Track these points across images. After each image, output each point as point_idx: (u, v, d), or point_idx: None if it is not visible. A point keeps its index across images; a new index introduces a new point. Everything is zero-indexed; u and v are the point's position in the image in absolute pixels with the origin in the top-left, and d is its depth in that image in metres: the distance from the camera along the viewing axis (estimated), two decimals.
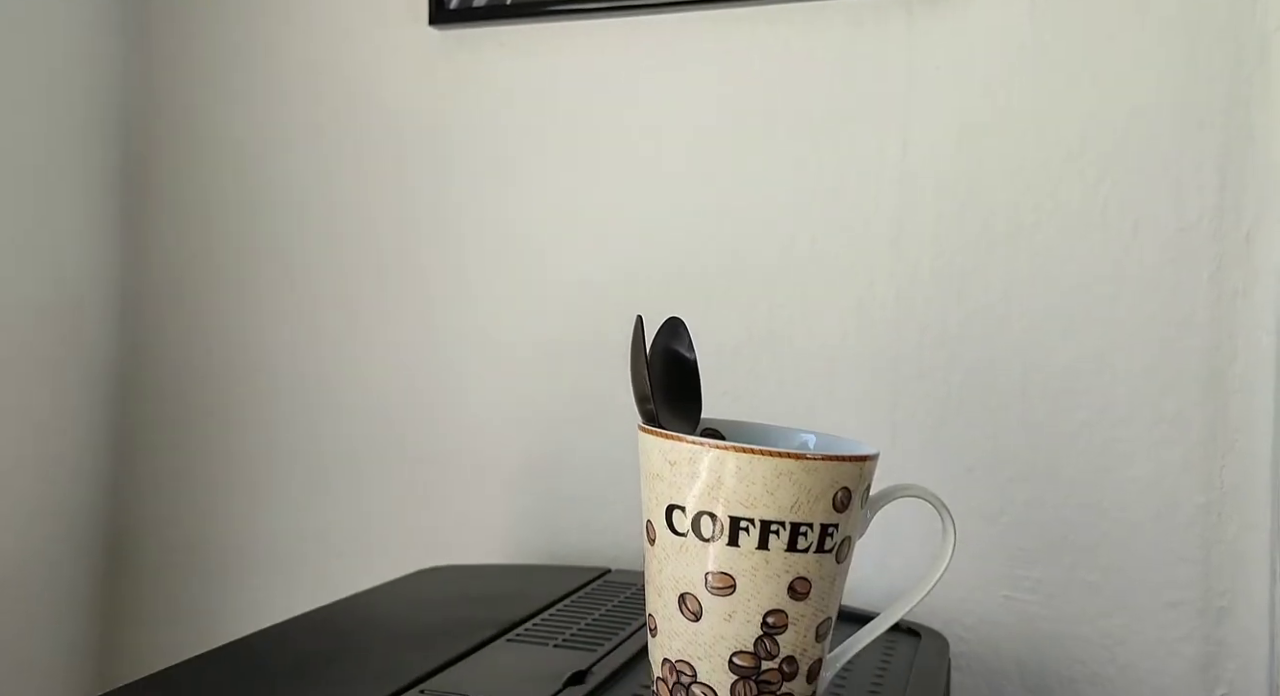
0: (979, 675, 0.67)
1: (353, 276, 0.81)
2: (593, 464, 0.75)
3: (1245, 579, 0.62)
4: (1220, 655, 0.62)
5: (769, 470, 0.37)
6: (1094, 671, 0.65)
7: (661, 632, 0.40)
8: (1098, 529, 0.65)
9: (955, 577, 0.68)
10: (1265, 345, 0.62)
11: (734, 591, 0.38)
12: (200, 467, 0.84)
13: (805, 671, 0.39)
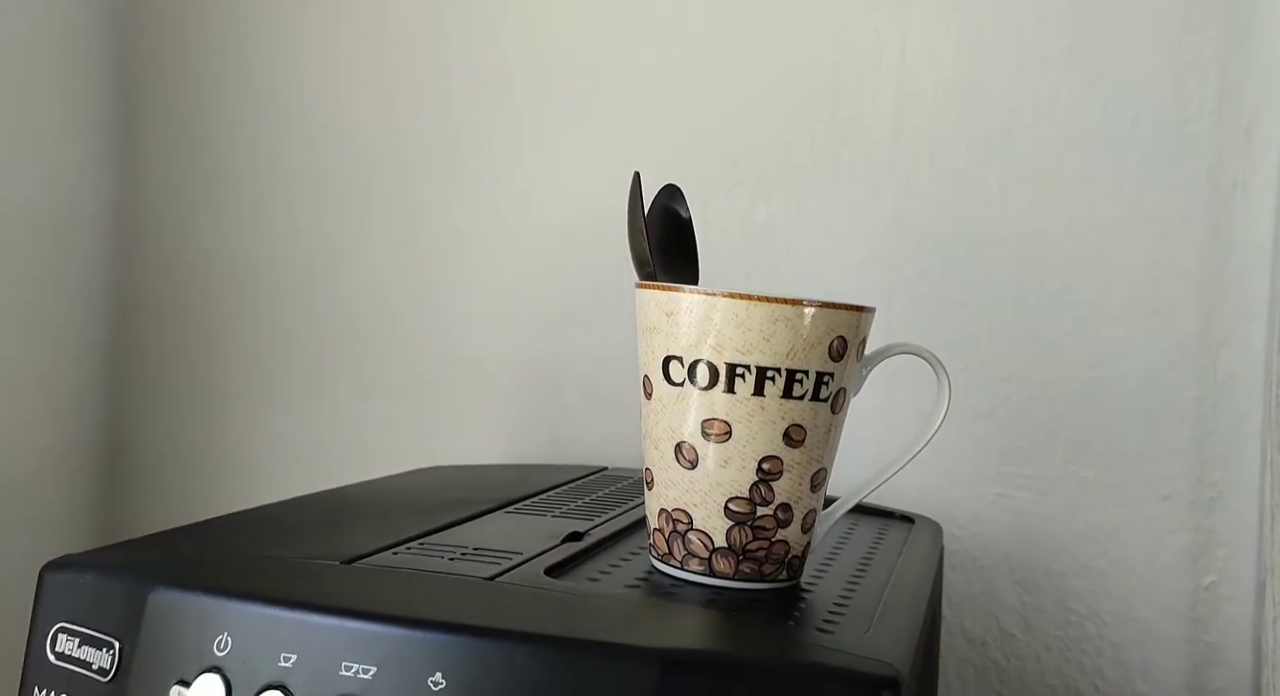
0: (970, 571, 0.68)
1: (349, 180, 0.81)
2: (592, 370, 0.75)
3: (1236, 469, 0.62)
4: (1210, 544, 0.63)
5: (765, 316, 0.37)
6: (1085, 564, 0.66)
7: (658, 484, 0.40)
8: (1090, 425, 0.66)
9: (948, 476, 0.69)
10: (1262, 237, 0.62)
11: (730, 438, 0.38)
12: (196, 374, 0.85)
13: (800, 520, 0.40)
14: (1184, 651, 0.63)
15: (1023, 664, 0.67)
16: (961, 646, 0.69)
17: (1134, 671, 0.65)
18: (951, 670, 0.69)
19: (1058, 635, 0.67)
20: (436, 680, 0.30)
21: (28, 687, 0.37)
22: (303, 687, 0.31)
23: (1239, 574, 0.62)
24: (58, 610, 0.36)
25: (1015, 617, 0.68)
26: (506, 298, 0.77)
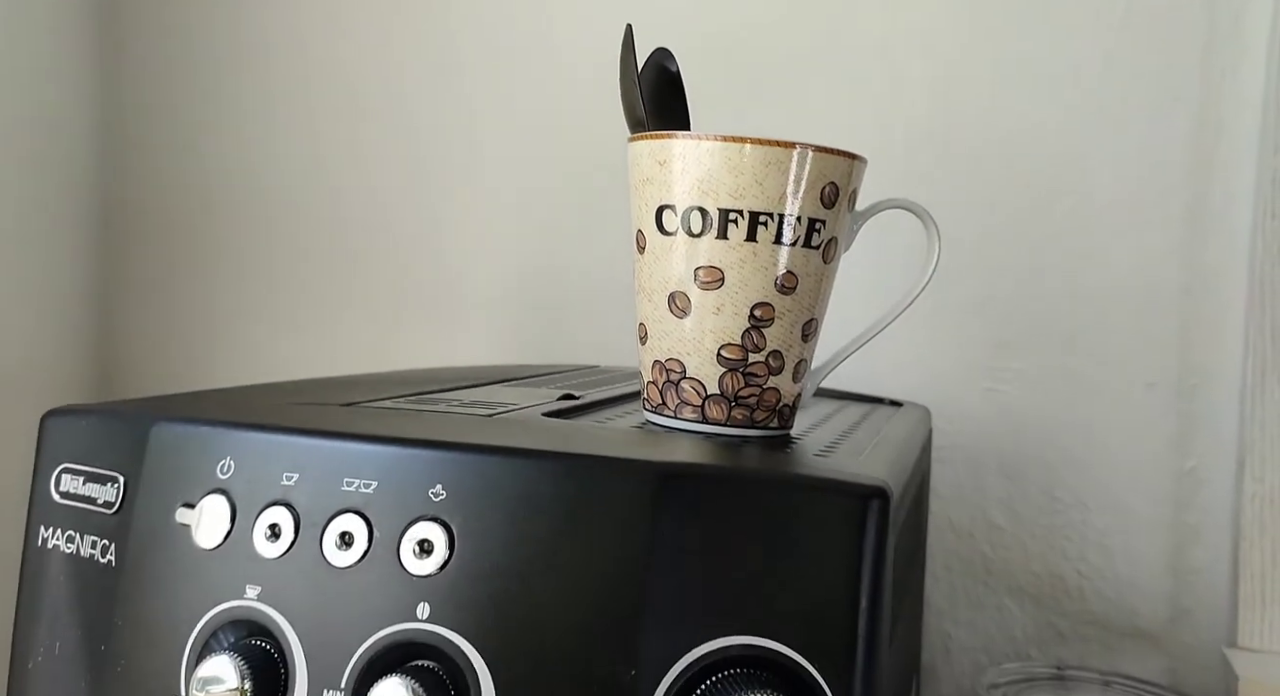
0: (959, 464, 0.69)
1: (339, 85, 0.80)
2: (584, 278, 0.76)
3: (1219, 356, 0.63)
4: (1192, 430, 0.64)
5: (759, 160, 0.37)
6: (1071, 455, 0.67)
7: (652, 336, 0.41)
8: (1079, 316, 0.66)
9: (937, 372, 0.70)
10: (1249, 125, 0.62)
11: (722, 285, 0.39)
12: (184, 289, 0.85)
13: (791, 369, 0.40)
14: (1165, 534, 0.65)
15: (1009, 553, 0.69)
16: (949, 538, 0.70)
17: (1116, 556, 0.66)
18: (939, 562, 0.70)
19: (1043, 524, 0.68)
20: (437, 491, 0.31)
21: (34, 528, 0.37)
22: (305, 503, 0.32)
23: (1219, 457, 0.63)
24: (60, 452, 0.37)
25: (1002, 509, 0.69)
26: (499, 210, 0.77)
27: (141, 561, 0.33)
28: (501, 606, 0.30)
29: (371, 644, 0.30)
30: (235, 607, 0.31)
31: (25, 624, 0.37)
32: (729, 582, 0.31)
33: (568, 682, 0.30)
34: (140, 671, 0.32)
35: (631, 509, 0.31)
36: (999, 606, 0.69)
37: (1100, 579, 0.67)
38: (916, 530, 0.49)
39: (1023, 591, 0.68)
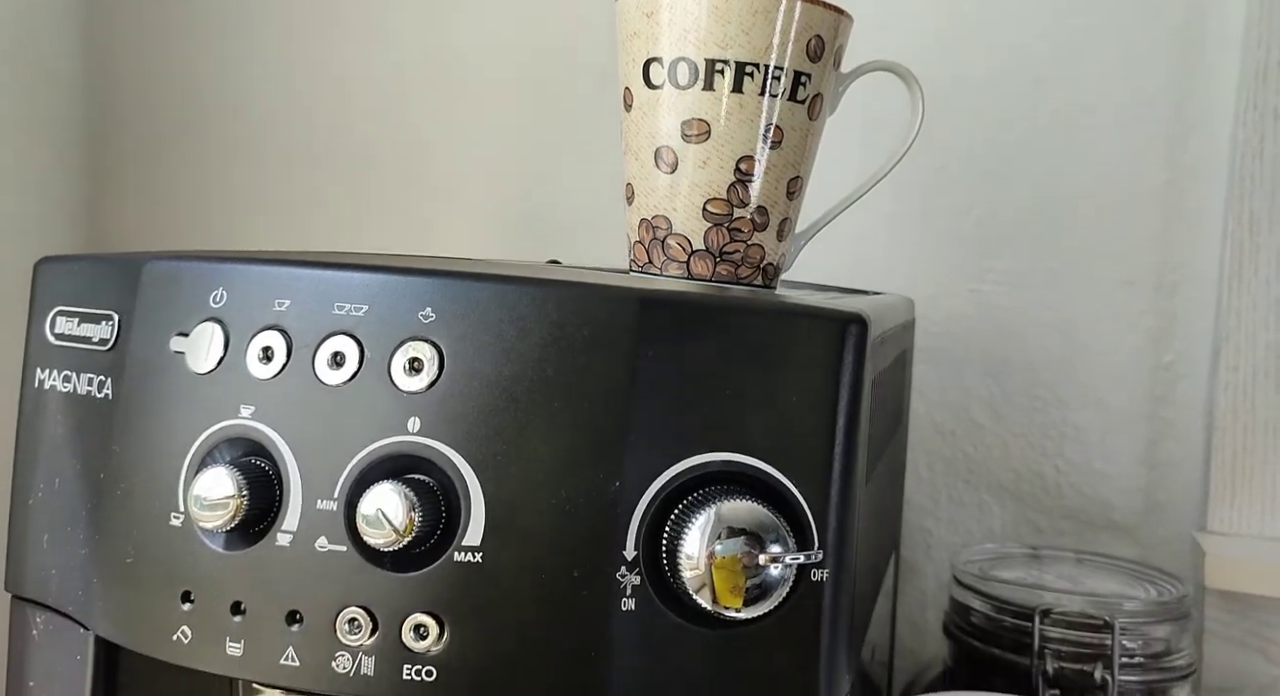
0: (942, 366, 0.71)
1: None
2: (574, 190, 0.76)
3: (1199, 251, 0.64)
4: (1170, 326, 0.65)
5: (745, 8, 0.38)
6: (1052, 353, 0.68)
7: (638, 194, 0.41)
8: (1062, 217, 0.67)
9: (923, 275, 0.71)
10: (1232, 32, 0.62)
11: (709, 138, 0.39)
12: (175, 175, 0.84)
13: (776, 226, 0.41)
14: (1142, 429, 0.66)
15: (989, 452, 0.70)
16: (932, 438, 0.72)
17: (1093, 451, 0.68)
18: (922, 462, 0.72)
19: (1024, 422, 0.69)
20: (426, 314, 0.32)
21: (30, 371, 0.38)
22: (296, 327, 0.32)
23: (1196, 352, 0.65)
24: (54, 296, 0.37)
25: (984, 408, 0.70)
26: (485, 116, 0.77)
27: (137, 392, 0.34)
28: (490, 421, 0.31)
29: (364, 456, 0.31)
30: (230, 426, 0.32)
31: (24, 463, 0.37)
32: (710, 403, 0.32)
33: (554, 493, 0.31)
34: (139, 493, 0.33)
35: (615, 333, 0.31)
36: (979, 503, 0.71)
37: (1077, 474, 0.68)
38: (896, 400, 0.50)
39: (1002, 488, 0.70)
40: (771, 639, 0.32)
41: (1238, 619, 0.61)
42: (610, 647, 0.31)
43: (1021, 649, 0.48)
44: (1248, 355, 0.60)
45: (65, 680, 0.36)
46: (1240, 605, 0.61)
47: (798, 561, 0.30)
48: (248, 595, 0.31)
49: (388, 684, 0.30)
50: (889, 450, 0.47)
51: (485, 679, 0.30)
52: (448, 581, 0.30)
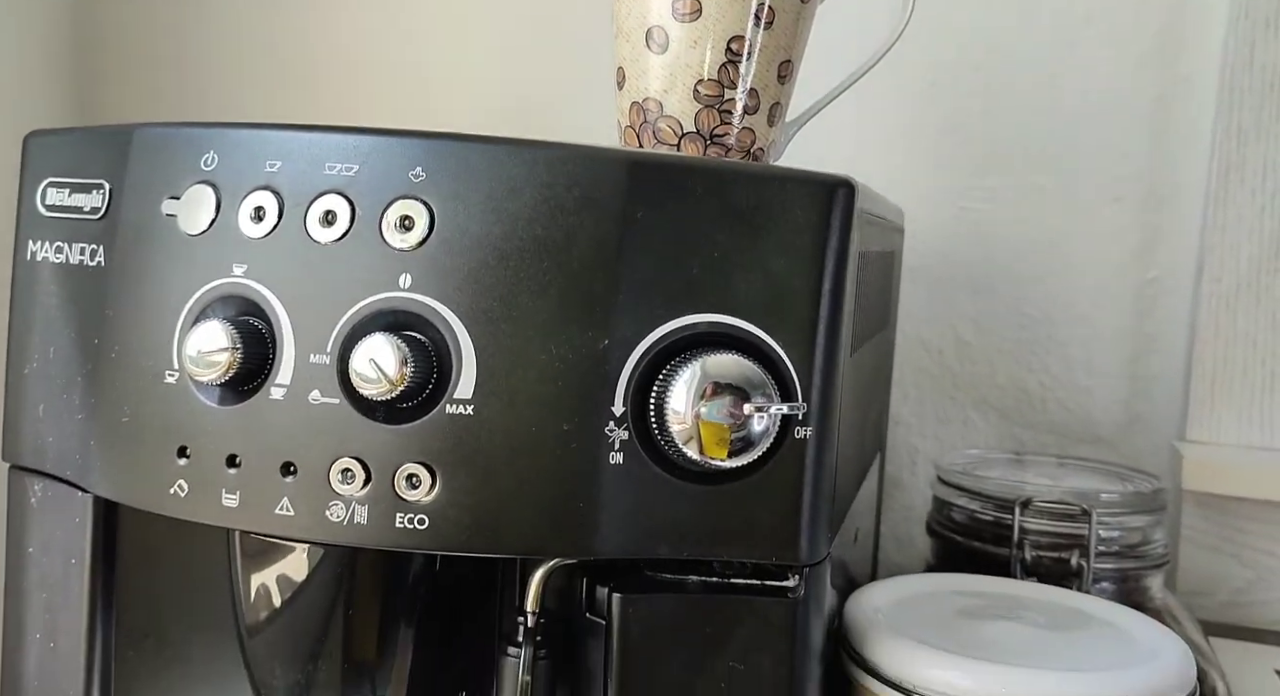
0: (930, 285, 0.71)
1: None
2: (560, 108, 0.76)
3: (1186, 166, 0.65)
4: (1156, 241, 0.66)
5: None
6: (1039, 270, 0.69)
7: (629, 77, 0.41)
8: (1050, 133, 0.67)
9: (911, 195, 0.71)
10: None
11: (700, 16, 0.39)
12: None
13: (767, 111, 0.41)
14: (1126, 343, 0.67)
15: (975, 368, 0.71)
16: (919, 356, 0.72)
17: (1077, 367, 0.69)
18: (908, 379, 0.73)
19: (1010, 338, 0.70)
20: (417, 173, 0.32)
21: (21, 244, 0.38)
22: (288, 187, 0.32)
23: (1181, 266, 0.65)
24: (44, 167, 0.37)
25: (971, 326, 0.71)
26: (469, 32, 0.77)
27: (129, 257, 0.34)
28: (481, 279, 0.31)
29: (355, 311, 0.31)
30: (223, 284, 0.32)
31: (19, 336, 0.38)
32: (698, 265, 0.32)
33: (544, 349, 0.31)
34: (134, 353, 0.34)
35: (605, 194, 0.32)
36: (965, 420, 0.72)
37: (1061, 389, 0.69)
38: (883, 294, 0.51)
39: (988, 404, 0.71)
40: (755, 493, 0.33)
41: (1213, 525, 0.62)
42: (598, 499, 0.32)
43: (1002, 541, 0.49)
44: (1231, 267, 0.61)
45: (65, 545, 0.37)
46: (1216, 511, 0.62)
47: (781, 412, 0.31)
48: (242, 448, 0.32)
49: (381, 532, 0.31)
50: (875, 342, 0.48)
51: (476, 527, 0.31)
52: (439, 433, 0.31)
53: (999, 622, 0.39)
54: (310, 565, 0.34)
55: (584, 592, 0.35)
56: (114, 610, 0.37)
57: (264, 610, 0.34)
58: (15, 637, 0.38)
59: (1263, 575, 0.61)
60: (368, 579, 0.34)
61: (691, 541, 0.32)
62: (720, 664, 0.33)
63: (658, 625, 0.33)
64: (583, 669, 0.35)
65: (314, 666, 0.34)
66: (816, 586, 0.34)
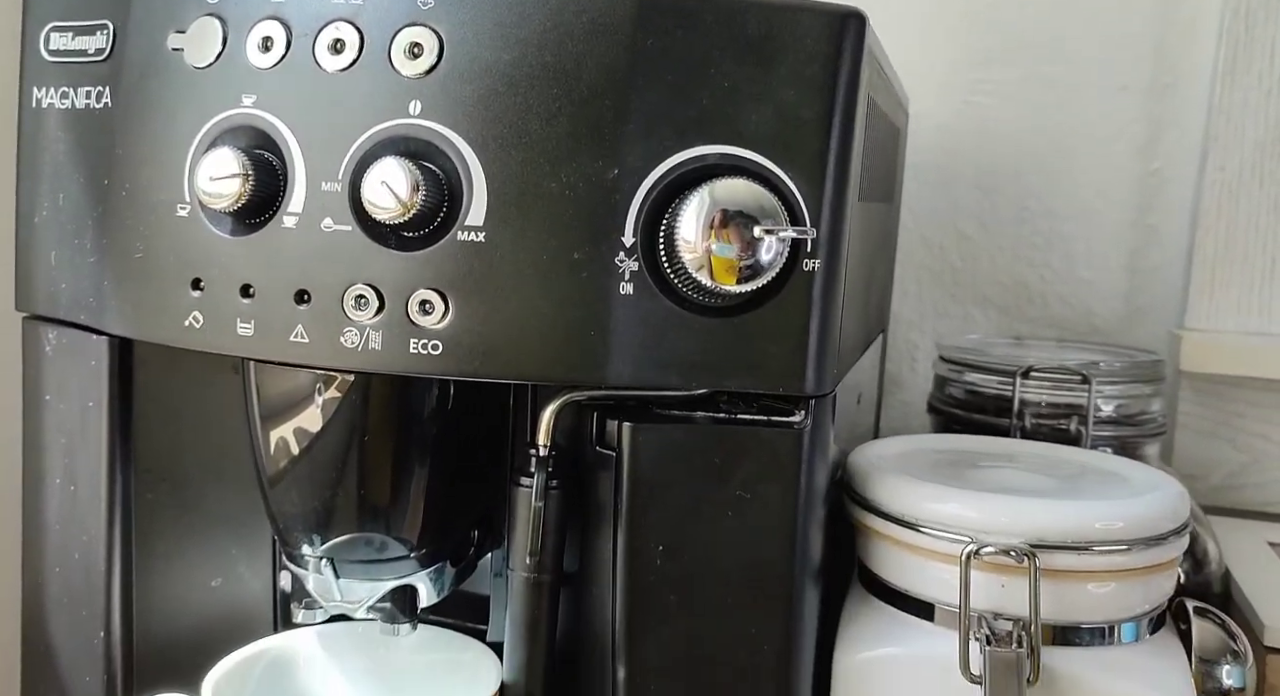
0: (933, 183, 0.71)
1: None
2: None
3: (1193, 54, 0.64)
4: (1160, 131, 0.66)
5: None
6: (1043, 164, 0.69)
7: None
8: (1056, 23, 0.67)
9: (914, 89, 0.70)
10: None
11: None
12: None
13: None
14: (1127, 236, 0.67)
15: (977, 265, 0.71)
16: (920, 253, 0.73)
17: (1078, 261, 0.69)
18: (909, 276, 0.73)
19: (1011, 233, 0.70)
20: (425, 1, 0.32)
21: (26, 93, 0.38)
22: (296, 16, 0.32)
23: (1184, 157, 0.65)
24: (46, 12, 0.37)
25: (973, 221, 0.71)
26: None
27: (136, 94, 0.34)
28: (490, 105, 0.31)
29: (366, 138, 0.31)
30: (232, 115, 0.32)
31: (27, 184, 0.38)
32: (708, 97, 0.32)
33: (554, 177, 0.31)
34: (144, 189, 0.34)
35: (615, 21, 0.31)
36: (965, 316, 0.72)
37: (1062, 283, 0.69)
38: (888, 161, 0.51)
39: (988, 300, 0.71)
40: (763, 326, 0.33)
41: (1209, 411, 0.63)
42: (609, 329, 0.32)
43: (1002, 412, 0.50)
44: (1235, 153, 0.60)
45: (81, 390, 0.37)
46: (1212, 396, 0.63)
47: (790, 236, 0.31)
48: (256, 277, 0.32)
49: (395, 357, 0.32)
50: (880, 210, 0.48)
51: (489, 353, 0.32)
52: (451, 259, 0.31)
53: (1001, 469, 0.40)
54: (325, 397, 0.34)
55: (594, 428, 0.35)
56: (132, 453, 0.38)
57: (280, 444, 0.35)
58: (35, 484, 0.39)
59: (1257, 458, 0.62)
60: (382, 412, 0.35)
61: (700, 373, 0.33)
62: (727, 493, 0.34)
63: (667, 454, 0.34)
64: (592, 503, 0.36)
65: (330, 499, 0.34)
66: (821, 420, 0.34)
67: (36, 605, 0.39)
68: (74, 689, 0.39)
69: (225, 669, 0.35)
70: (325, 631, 0.38)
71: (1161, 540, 0.34)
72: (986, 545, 0.32)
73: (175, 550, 0.39)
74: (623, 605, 0.34)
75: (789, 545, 0.34)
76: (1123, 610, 0.34)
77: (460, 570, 0.37)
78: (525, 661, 0.35)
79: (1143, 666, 0.34)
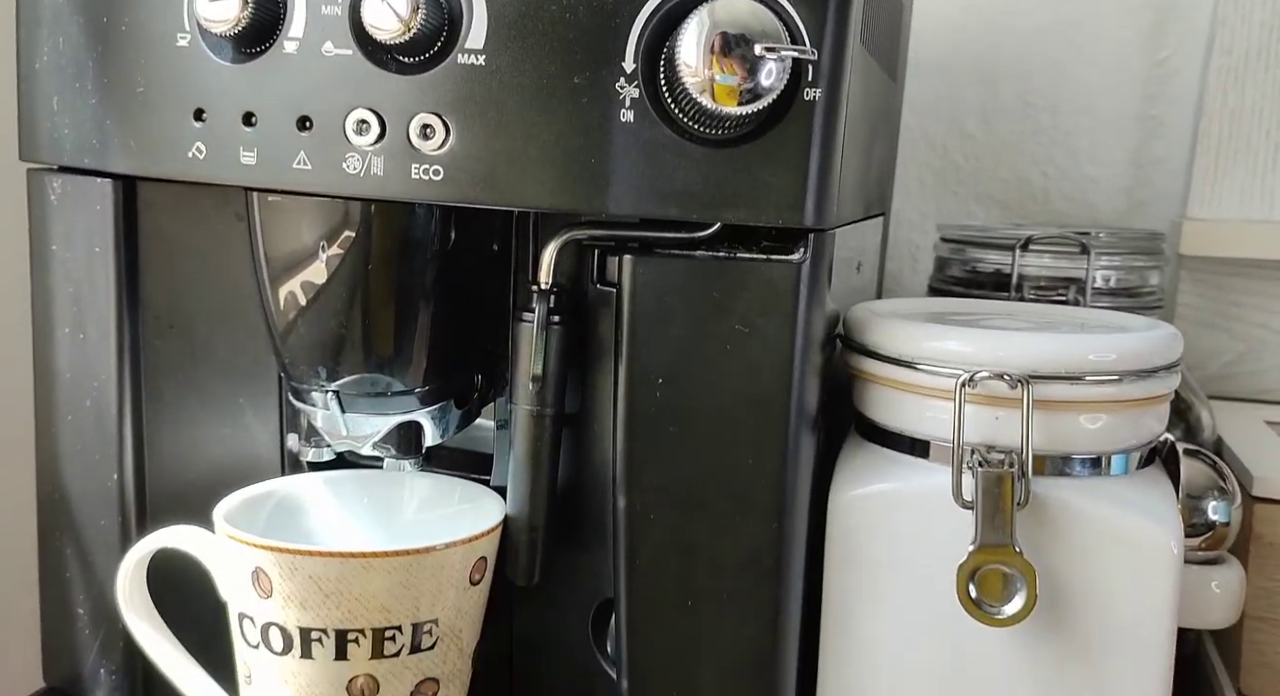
0: (937, 81, 0.70)
1: None
2: None
3: None
4: (1168, 19, 0.65)
5: None
6: (1049, 58, 0.68)
7: None
8: None
9: None
10: None
11: None
12: None
13: None
14: (1131, 129, 0.67)
15: (979, 163, 0.71)
16: (923, 151, 0.72)
17: (1082, 155, 0.69)
18: (912, 175, 0.73)
19: (1015, 130, 0.70)
20: None
21: None
22: None
23: (1191, 45, 0.65)
24: None
25: (977, 119, 0.71)
26: None
27: None
28: None
29: None
30: None
31: (27, 33, 0.37)
32: None
33: (554, 0, 0.31)
34: (143, 22, 0.34)
35: None
36: (967, 214, 0.72)
37: (1065, 179, 0.69)
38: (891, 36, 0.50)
39: (990, 198, 0.71)
40: (763, 156, 0.33)
41: (1208, 301, 0.64)
42: (609, 155, 0.32)
43: (1001, 287, 0.50)
44: (1241, 37, 0.60)
45: (87, 235, 0.38)
46: (1210, 287, 0.63)
47: (791, 56, 0.31)
48: (258, 104, 0.32)
49: (397, 183, 0.32)
50: (883, 82, 0.48)
51: (490, 179, 0.32)
52: (452, 83, 0.31)
53: (999, 319, 0.40)
54: (329, 229, 0.34)
55: (595, 267, 0.36)
56: (139, 299, 0.38)
57: (284, 276, 0.35)
58: (45, 333, 0.39)
59: (1253, 347, 0.63)
60: (385, 243, 0.35)
61: (701, 204, 0.33)
62: (726, 327, 0.34)
63: (667, 288, 0.34)
64: (593, 341, 0.36)
65: (336, 329, 0.35)
66: (819, 256, 0.34)
67: (50, 453, 0.40)
68: (88, 532, 0.40)
69: (237, 501, 0.36)
70: (333, 476, 0.39)
71: (1153, 373, 0.35)
72: (980, 370, 0.33)
73: (184, 398, 0.40)
74: (623, 437, 0.35)
75: (786, 379, 0.34)
76: (1113, 443, 0.35)
77: (465, 413, 0.38)
78: (528, 493, 0.35)
79: (1131, 496, 0.34)
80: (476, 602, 0.35)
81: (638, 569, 0.35)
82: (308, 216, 0.34)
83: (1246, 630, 0.42)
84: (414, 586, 0.32)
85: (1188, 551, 0.37)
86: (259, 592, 0.32)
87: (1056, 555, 0.34)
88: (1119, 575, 0.33)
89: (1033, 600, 0.32)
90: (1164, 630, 0.34)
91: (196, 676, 0.36)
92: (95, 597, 0.40)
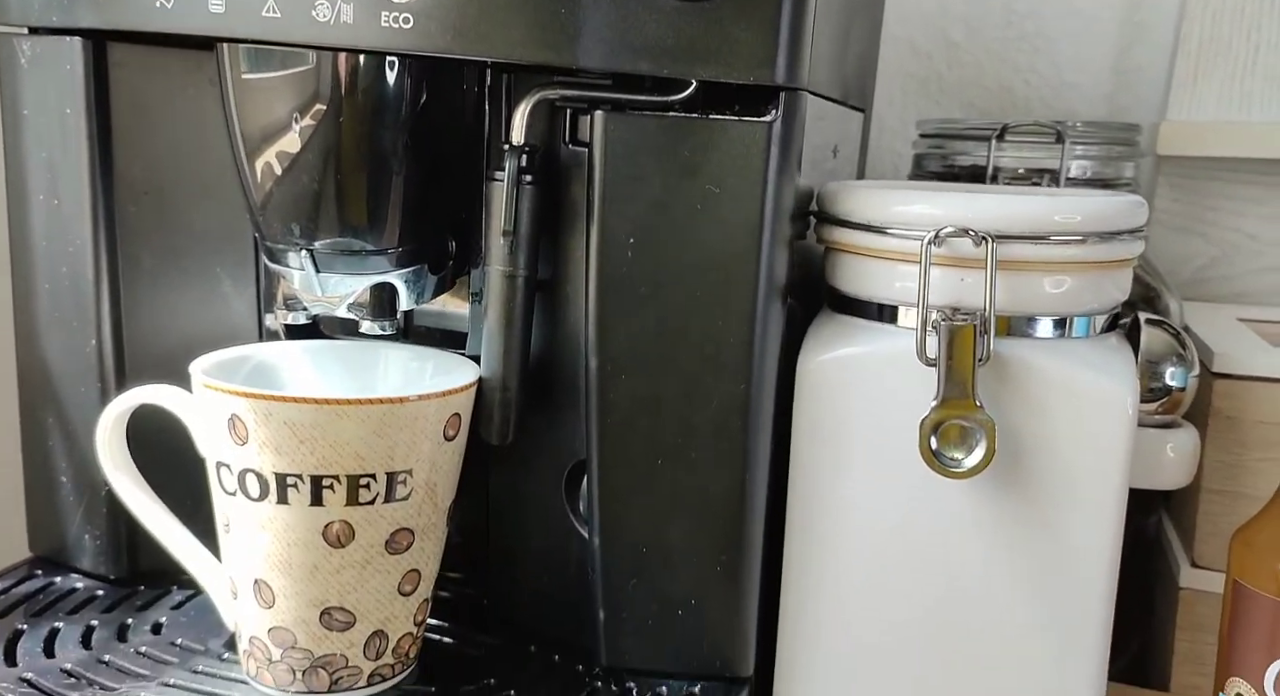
0: (923, 5, 0.70)
1: None
2: None
3: None
4: None
5: None
6: None
7: None
8: None
9: None
10: None
11: None
12: None
13: None
14: (1113, 35, 0.67)
15: (963, 71, 0.71)
16: (908, 60, 0.72)
17: (1064, 64, 0.69)
18: (895, 85, 0.73)
19: (999, 37, 0.70)
20: None
21: None
22: None
23: None
24: None
25: (961, 26, 0.70)
26: None
27: None
28: None
29: None
30: None
31: None
32: None
33: None
34: None
35: None
36: None
37: (1046, 87, 0.69)
38: None
39: (972, 106, 0.71)
40: (735, 9, 0.33)
41: (1183, 206, 0.64)
42: (579, 5, 0.32)
43: (978, 179, 0.50)
44: None
45: (58, 96, 0.37)
46: (1187, 192, 0.64)
47: None
48: None
49: (366, 32, 0.32)
50: None
51: (459, 29, 0.32)
52: None
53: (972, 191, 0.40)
54: (302, 93, 0.34)
55: (567, 127, 0.36)
56: (112, 164, 0.38)
57: (262, 148, 0.35)
58: (19, 201, 0.39)
59: (1227, 252, 0.63)
60: (357, 105, 0.35)
61: (673, 59, 0.33)
62: (696, 186, 0.34)
63: (638, 146, 0.34)
64: (565, 203, 0.36)
65: (310, 184, 0.35)
66: (791, 117, 0.35)
67: (28, 323, 0.40)
68: (69, 400, 0.40)
69: (214, 360, 0.36)
70: (310, 344, 0.40)
71: (1116, 236, 0.35)
72: (946, 227, 0.33)
73: (161, 266, 0.40)
74: (594, 298, 0.35)
75: (755, 241, 0.35)
76: (1076, 305, 0.35)
77: (439, 280, 0.38)
78: (501, 353, 0.36)
79: (1091, 356, 0.35)
80: (451, 458, 0.36)
81: (608, 429, 0.36)
82: (281, 83, 0.34)
83: (1203, 502, 0.43)
84: (387, 435, 0.33)
85: (1144, 415, 0.38)
86: (235, 439, 0.33)
87: (1016, 412, 0.35)
88: (1075, 431, 0.34)
89: (991, 452, 0.33)
90: (1116, 485, 0.35)
91: (175, 528, 0.37)
92: (77, 465, 0.41)
